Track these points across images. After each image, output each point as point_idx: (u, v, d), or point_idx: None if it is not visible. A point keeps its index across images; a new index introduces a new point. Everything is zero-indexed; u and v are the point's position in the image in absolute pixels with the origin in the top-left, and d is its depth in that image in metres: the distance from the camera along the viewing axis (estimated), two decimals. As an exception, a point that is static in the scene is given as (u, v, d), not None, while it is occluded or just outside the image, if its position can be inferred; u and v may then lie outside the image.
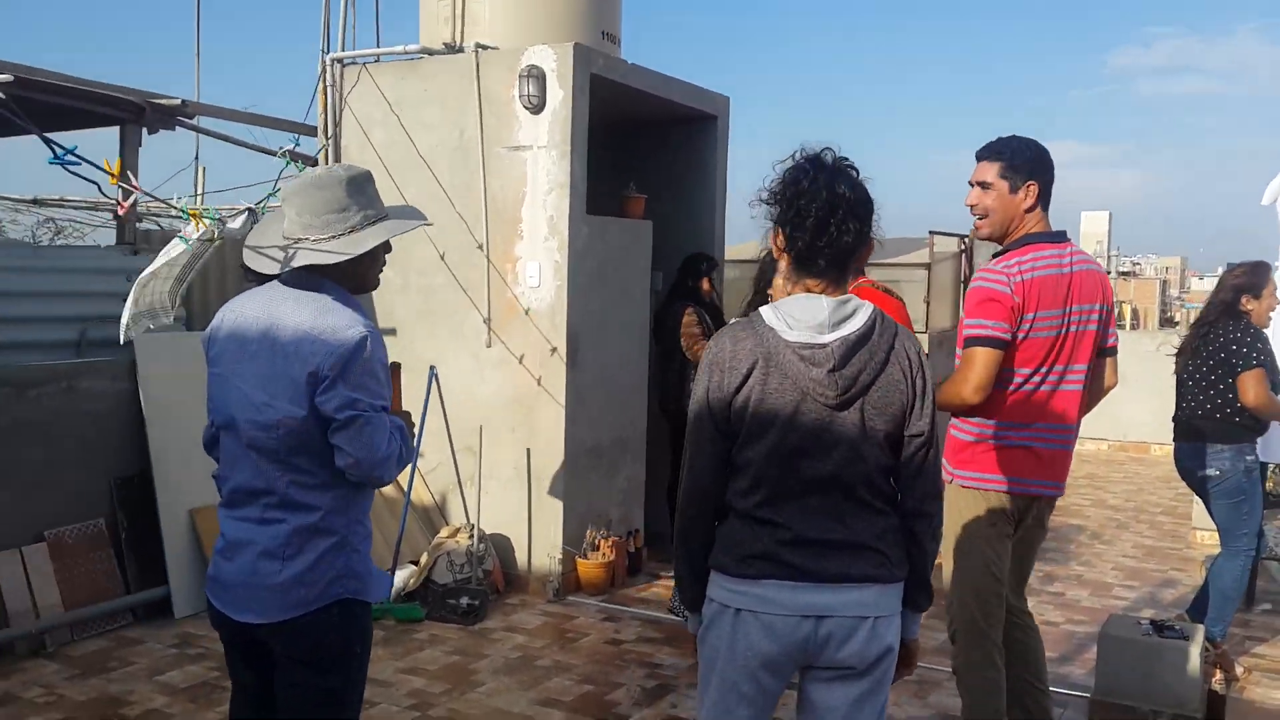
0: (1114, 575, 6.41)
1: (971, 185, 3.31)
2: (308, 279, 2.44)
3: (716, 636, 2.32)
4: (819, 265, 2.29)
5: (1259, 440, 5.20)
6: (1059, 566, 6.54)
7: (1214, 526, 5.05)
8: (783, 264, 2.36)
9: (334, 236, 2.44)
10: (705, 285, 6.27)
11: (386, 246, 2.57)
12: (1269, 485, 7.02)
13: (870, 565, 2.27)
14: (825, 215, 2.25)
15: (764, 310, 2.31)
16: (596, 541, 5.68)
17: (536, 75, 5.50)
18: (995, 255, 3.30)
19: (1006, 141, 3.28)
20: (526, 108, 5.56)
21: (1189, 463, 4.88)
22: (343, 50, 6.21)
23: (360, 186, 2.49)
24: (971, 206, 3.31)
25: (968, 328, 3.16)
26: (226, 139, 6.32)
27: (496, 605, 5.40)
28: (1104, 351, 3.43)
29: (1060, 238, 3.29)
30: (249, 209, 4.89)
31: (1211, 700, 4.23)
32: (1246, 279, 4.87)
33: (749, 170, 2.51)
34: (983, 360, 3.10)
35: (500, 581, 5.59)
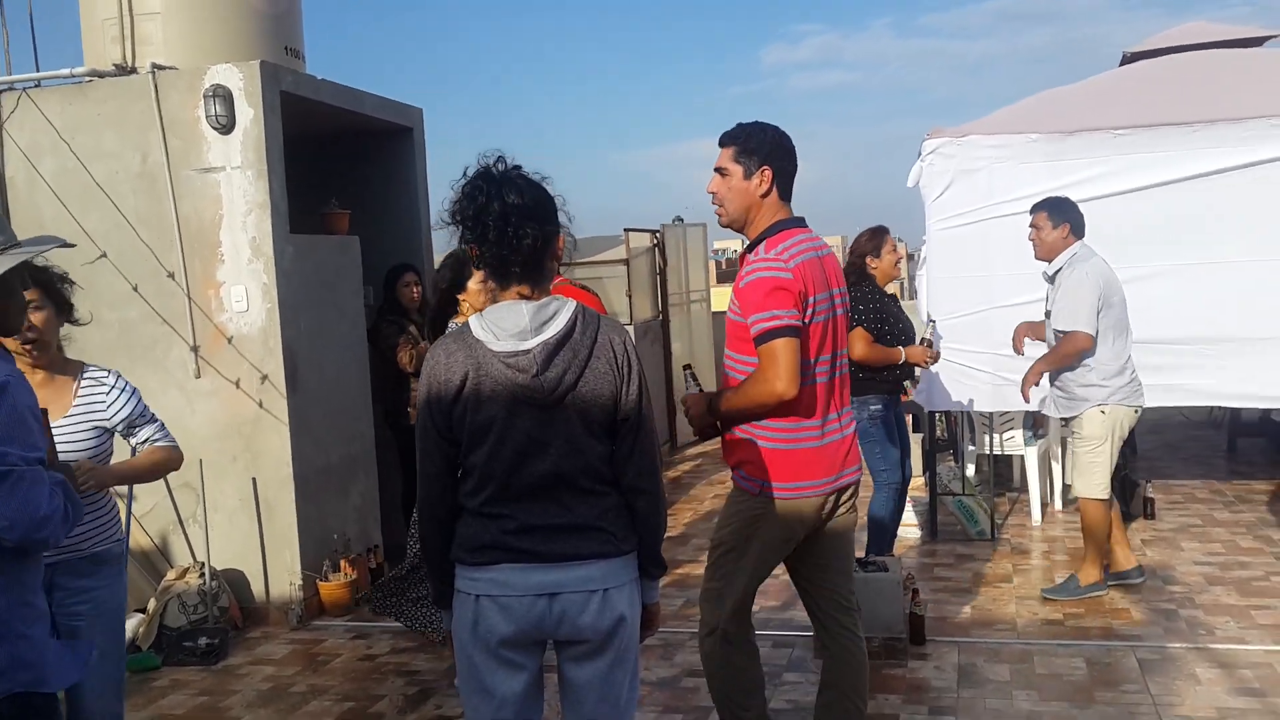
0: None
1: (714, 172, 3.24)
2: None
3: (461, 625, 2.48)
4: (515, 273, 2.43)
5: (924, 391, 5.91)
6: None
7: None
8: (487, 275, 2.49)
9: None
10: (411, 295, 6.26)
11: (24, 283, 2.40)
12: (939, 431, 7.97)
13: (595, 543, 2.46)
14: (503, 225, 2.38)
15: (472, 321, 2.45)
16: (337, 562, 5.62)
17: (223, 95, 5.35)
18: (749, 247, 3.20)
19: (743, 127, 3.19)
20: (215, 128, 5.40)
21: None
22: (-4, 75, 5.76)
23: None
24: (713, 193, 3.23)
25: (761, 321, 3.01)
26: None
27: (238, 641, 5.23)
28: None
29: (804, 223, 3.23)
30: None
31: (913, 621, 4.80)
32: (868, 244, 5.53)
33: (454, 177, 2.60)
34: (788, 350, 2.99)
35: (239, 616, 5.41)
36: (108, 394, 3.20)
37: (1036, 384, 5.29)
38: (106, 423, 3.17)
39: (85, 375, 3.22)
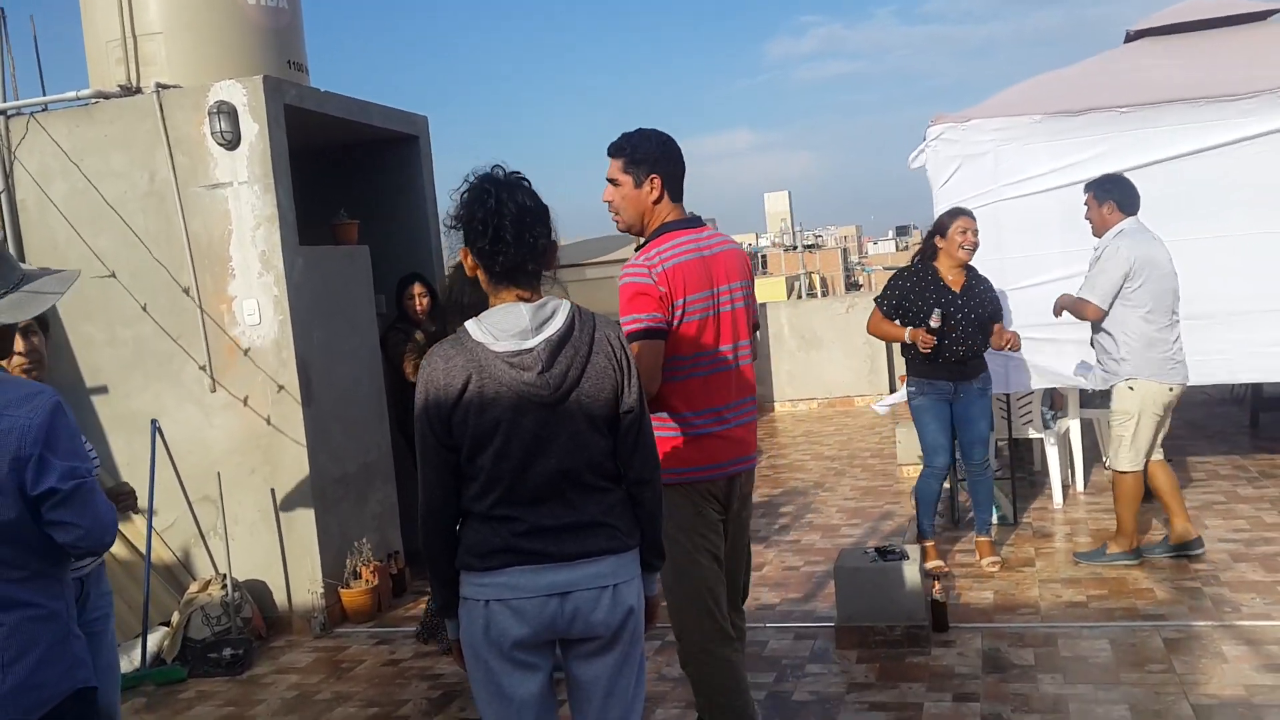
0: (839, 517, 7.04)
1: (607, 182, 3.36)
2: None
3: (472, 631, 2.46)
4: (528, 270, 2.45)
5: (993, 373, 5.90)
6: (792, 518, 7.11)
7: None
8: (482, 280, 2.49)
9: None
10: (418, 305, 6.19)
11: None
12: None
13: (604, 539, 2.48)
14: (519, 227, 2.41)
15: (469, 325, 2.45)
16: (357, 569, 5.64)
17: (227, 111, 5.38)
18: (638, 249, 3.33)
19: (629, 137, 3.31)
20: (221, 144, 5.43)
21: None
22: (4, 101, 5.80)
23: None
24: (608, 203, 3.36)
25: (626, 324, 3.14)
26: None
27: (262, 651, 5.26)
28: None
29: (696, 223, 3.35)
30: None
31: (935, 608, 4.78)
32: (941, 222, 5.64)
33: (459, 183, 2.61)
34: (647, 351, 3.10)
35: (262, 626, 5.44)
36: None
37: (1058, 315, 5.51)
38: None
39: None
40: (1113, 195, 5.29)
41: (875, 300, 5.72)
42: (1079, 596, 5.07)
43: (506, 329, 2.41)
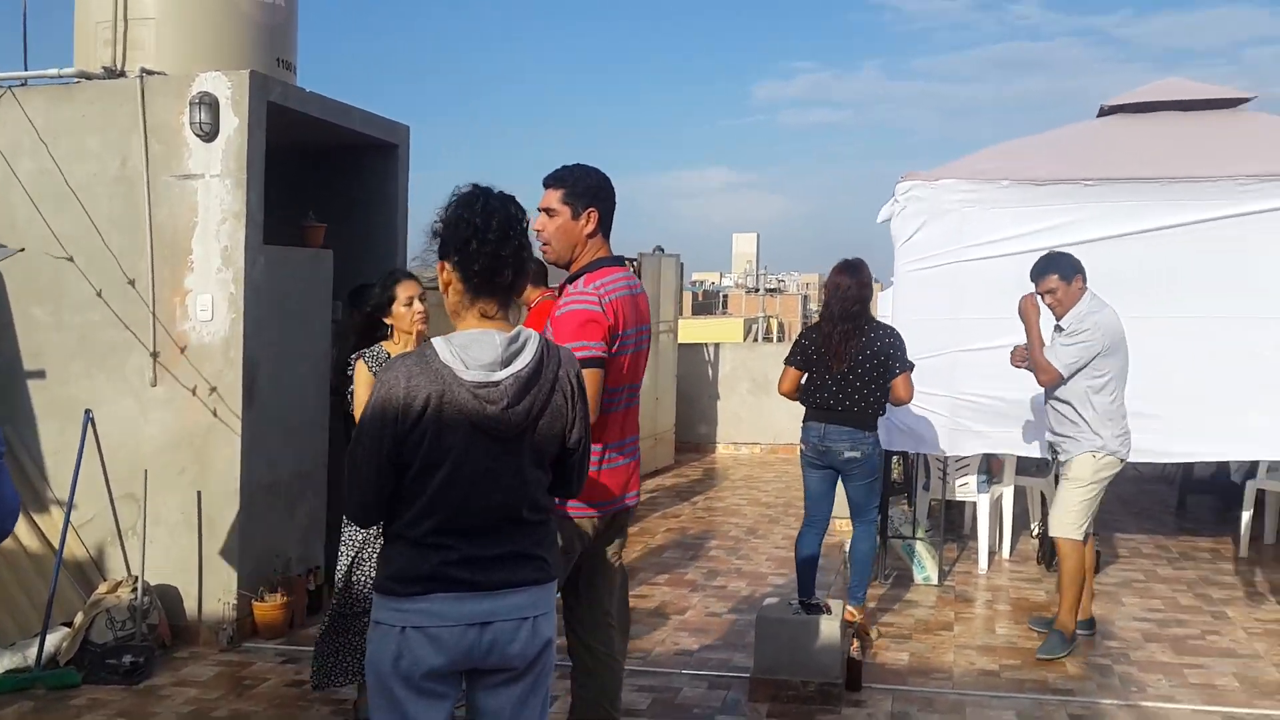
0: (768, 565, 7.04)
1: (539, 211, 3.40)
2: None
3: (380, 657, 2.40)
4: (505, 282, 2.44)
5: (881, 430, 5.92)
6: (720, 562, 7.10)
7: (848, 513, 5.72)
8: (454, 295, 2.47)
9: None
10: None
11: None
12: (894, 474, 7.99)
13: (531, 570, 2.47)
14: (506, 231, 2.42)
15: (437, 344, 2.40)
16: (275, 583, 5.54)
17: (209, 102, 5.34)
18: (569, 280, 3.38)
19: (570, 169, 3.38)
20: (198, 135, 5.37)
21: (837, 444, 5.43)
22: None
23: None
24: (539, 231, 3.38)
25: (573, 350, 3.14)
26: None
27: (164, 661, 5.11)
28: None
29: (622, 261, 3.45)
30: None
31: (850, 666, 4.79)
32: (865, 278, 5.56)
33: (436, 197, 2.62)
34: (594, 380, 3.12)
35: (167, 634, 5.30)
36: None
37: (1020, 364, 5.50)
38: None
39: None
40: (1079, 270, 5.30)
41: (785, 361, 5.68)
42: (992, 665, 5.11)
43: (477, 358, 2.37)
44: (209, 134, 5.35)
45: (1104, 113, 7.87)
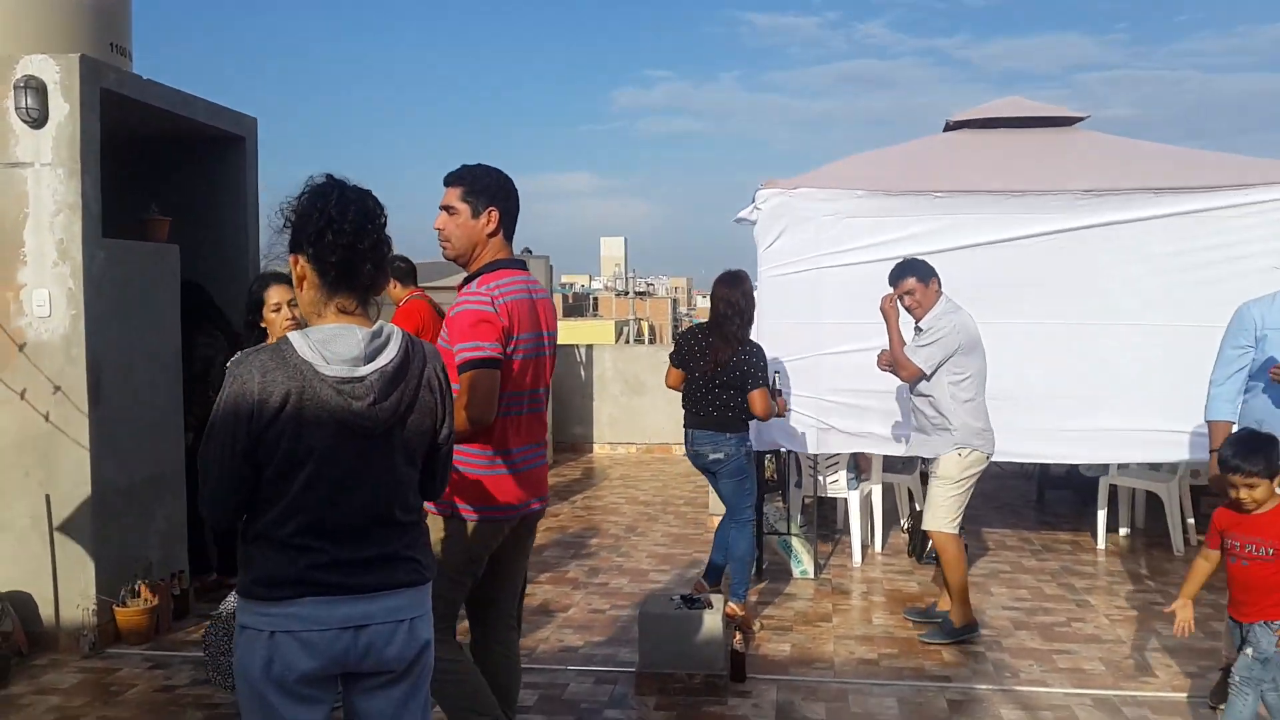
0: (649, 562, 7.03)
1: (440, 209, 3.36)
2: None
3: (250, 663, 2.28)
4: (364, 276, 2.33)
5: (752, 430, 6.00)
6: (602, 560, 7.06)
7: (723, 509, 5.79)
8: (309, 290, 2.35)
9: None
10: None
11: None
12: (768, 472, 8.09)
13: (405, 572, 2.38)
14: (363, 223, 2.31)
15: (294, 339, 2.28)
16: (136, 587, 5.26)
17: (35, 87, 5.02)
18: (466, 280, 3.32)
19: (470, 168, 3.34)
20: (25, 121, 5.05)
21: (702, 447, 5.60)
22: None
23: None
24: (440, 230, 3.34)
25: (465, 350, 3.12)
26: None
27: (22, 669, 4.82)
28: None
29: (523, 265, 3.39)
30: None
31: (734, 658, 4.81)
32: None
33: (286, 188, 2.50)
34: (488, 380, 3.11)
35: (24, 642, 4.98)
36: None
37: (886, 367, 5.61)
38: None
39: None
40: (934, 274, 5.48)
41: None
42: (871, 654, 5.20)
43: (339, 353, 2.26)
44: (37, 120, 5.07)
45: (950, 127, 8.17)
